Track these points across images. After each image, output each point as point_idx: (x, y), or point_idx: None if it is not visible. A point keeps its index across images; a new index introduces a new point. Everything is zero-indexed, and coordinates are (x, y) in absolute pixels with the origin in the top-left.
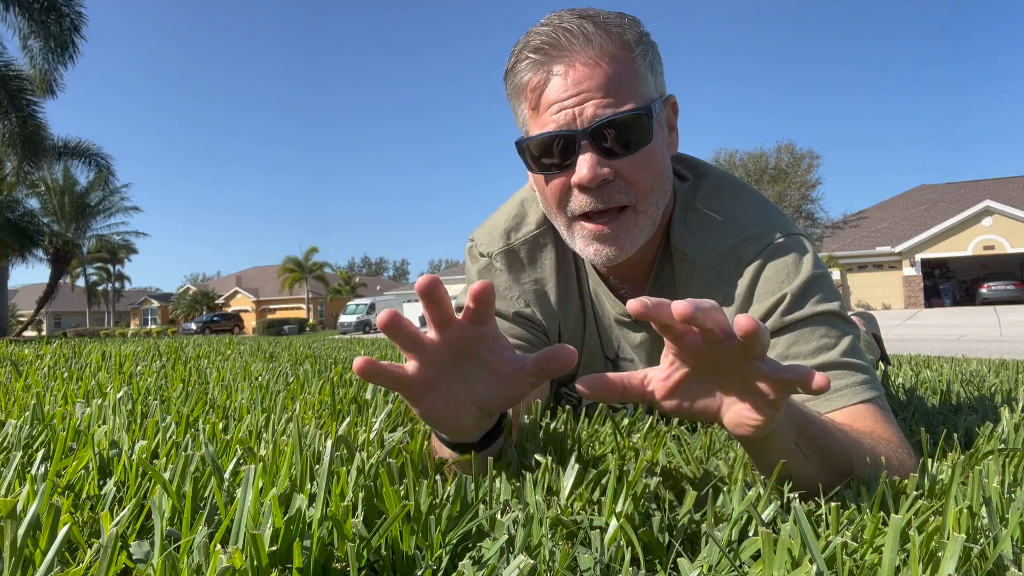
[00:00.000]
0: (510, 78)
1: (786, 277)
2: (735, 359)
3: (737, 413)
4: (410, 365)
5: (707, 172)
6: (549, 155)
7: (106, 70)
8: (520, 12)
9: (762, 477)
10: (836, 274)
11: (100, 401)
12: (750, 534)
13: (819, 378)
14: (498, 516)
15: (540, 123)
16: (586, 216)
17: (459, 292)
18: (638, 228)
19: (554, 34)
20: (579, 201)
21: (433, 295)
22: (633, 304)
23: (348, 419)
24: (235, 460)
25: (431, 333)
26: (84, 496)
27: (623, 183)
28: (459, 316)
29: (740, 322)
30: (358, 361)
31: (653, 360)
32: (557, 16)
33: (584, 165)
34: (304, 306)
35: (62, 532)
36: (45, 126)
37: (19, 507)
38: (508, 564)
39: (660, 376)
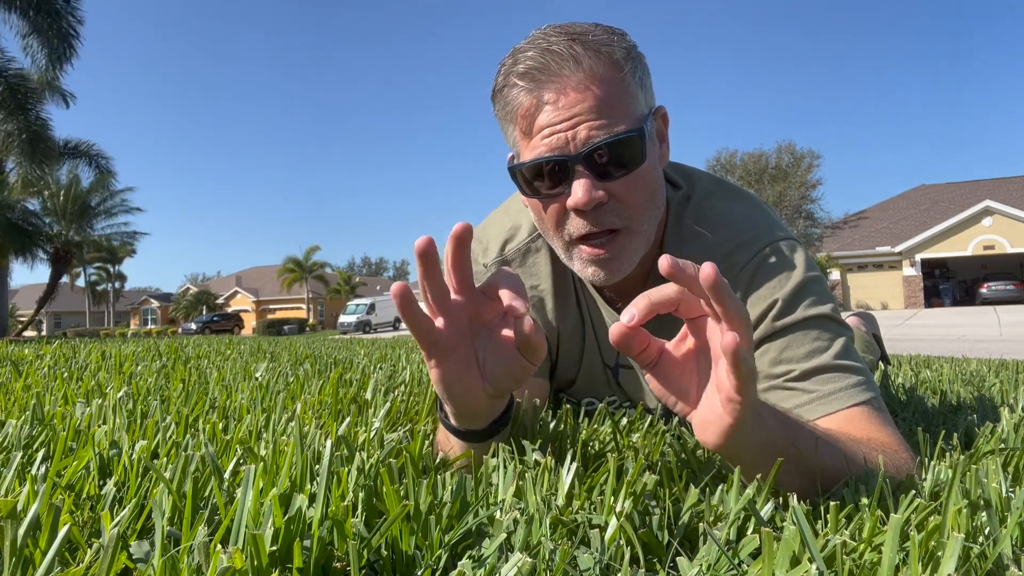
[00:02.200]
0: (499, 101)
1: (777, 282)
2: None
3: (702, 417)
4: (438, 321)
5: (699, 179)
6: (542, 179)
7: (104, 67)
8: (524, 5)
9: (759, 476)
10: (836, 274)
11: (100, 401)
12: (749, 532)
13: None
14: (497, 515)
15: (532, 147)
16: (583, 238)
17: None
18: (632, 247)
19: (543, 58)
20: (576, 224)
21: (463, 253)
22: (615, 330)
23: (348, 419)
24: (235, 460)
25: (454, 295)
26: (84, 496)
27: (616, 205)
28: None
29: (704, 271)
30: (397, 285)
31: None
32: (544, 36)
33: (580, 189)
34: (304, 306)
35: (62, 532)
36: (49, 126)
37: (19, 507)
38: (507, 563)
39: (671, 346)
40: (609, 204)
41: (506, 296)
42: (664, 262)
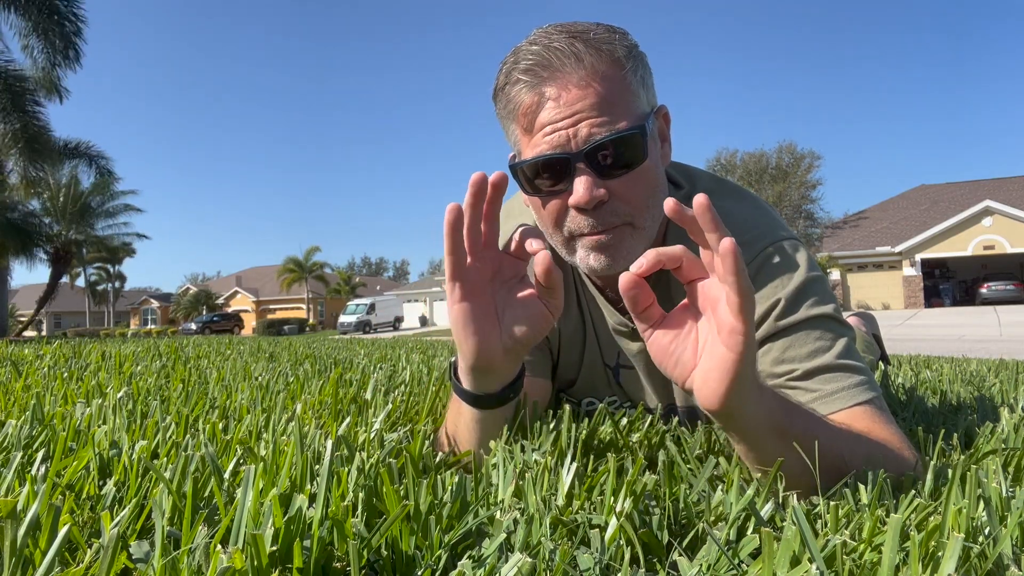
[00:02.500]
0: (500, 99)
1: (780, 282)
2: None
3: (704, 370)
4: (468, 259)
5: (700, 178)
6: (544, 177)
7: (104, 67)
8: (525, 5)
9: (757, 475)
10: (836, 274)
11: (100, 401)
12: (749, 532)
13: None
14: (497, 515)
15: (533, 145)
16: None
17: None
18: (634, 241)
19: (545, 54)
20: (577, 222)
21: (498, 200)
22: (626, 278)
23: (348, 419)
24: (235, 460)
25: (484, 241)
26: (84, 496)
27: (618, 203)
28: None
29: (724, 245)
30: (451, 205)
31: (652, 368)
32: (545, 35)
33: (581, 186)
34: (304, 306)
35: (62, 532)
36: (48, 128)
37: (19, 507)
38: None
39: (673, 311)
40: (610, 202)
41: (524, 234)
42: (670, 203)
